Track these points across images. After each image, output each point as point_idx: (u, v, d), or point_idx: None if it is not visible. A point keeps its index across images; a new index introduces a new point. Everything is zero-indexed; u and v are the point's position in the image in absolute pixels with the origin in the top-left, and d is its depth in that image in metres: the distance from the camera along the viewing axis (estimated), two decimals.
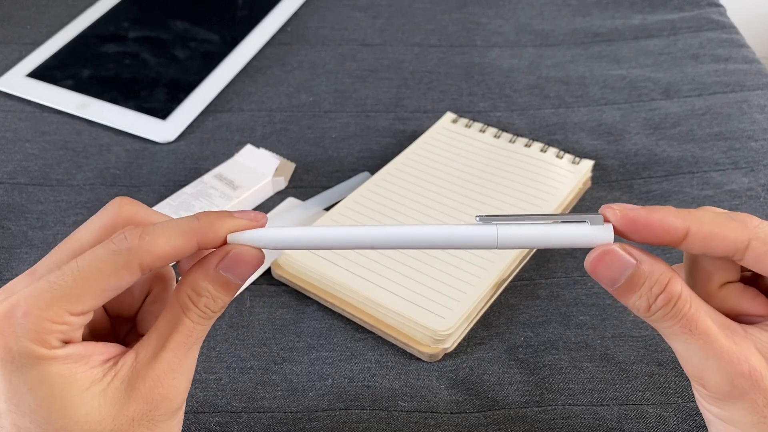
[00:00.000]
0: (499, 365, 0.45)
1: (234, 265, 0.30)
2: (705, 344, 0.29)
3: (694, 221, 0.30)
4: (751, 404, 0.28)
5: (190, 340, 0.30)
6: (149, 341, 0.30)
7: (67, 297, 0.27)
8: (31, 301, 0.27)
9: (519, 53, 0.74)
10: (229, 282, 0.30)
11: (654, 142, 0.62)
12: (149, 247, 0.28)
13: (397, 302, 0.45)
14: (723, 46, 0.74)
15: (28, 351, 0.27)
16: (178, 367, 0.29)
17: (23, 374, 0.27)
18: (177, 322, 0.30)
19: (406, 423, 0.41)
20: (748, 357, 0.29)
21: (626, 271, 0.29)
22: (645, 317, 0.30)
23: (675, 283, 0.29)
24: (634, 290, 0.29)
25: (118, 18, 0.78)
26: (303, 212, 0.55)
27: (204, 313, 0.30)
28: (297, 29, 0.78)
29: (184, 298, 0.30)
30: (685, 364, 0.30)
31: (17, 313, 0.27)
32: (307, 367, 0.45)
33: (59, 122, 0.65)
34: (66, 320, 0.27)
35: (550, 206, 0.52)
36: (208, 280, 0.30)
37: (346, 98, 0.68)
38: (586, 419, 0.42)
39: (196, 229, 0.30)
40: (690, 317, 0.29)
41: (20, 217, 0.55)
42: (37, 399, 0.27)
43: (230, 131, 0.64)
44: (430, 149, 0.58)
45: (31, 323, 0.27)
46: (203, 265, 0.30)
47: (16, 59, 0.72)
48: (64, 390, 0.27)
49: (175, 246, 0.29)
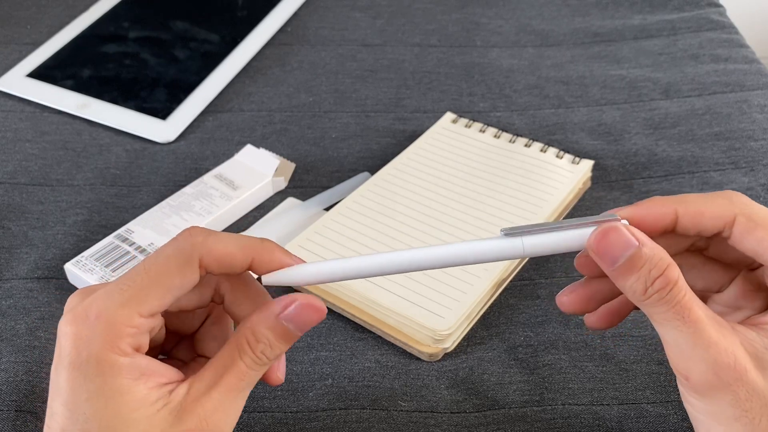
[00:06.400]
0: (499, 365, 0.45)
1: (297, 316, 0.30)
2: (695, 332, 0.29)
3: (680, 203, 0.31)
4: (734, 397, 0.29)
5: (242, 384, 0.30)
6: (204, 376, 0.30)
7: (137, 298, 0.28)
8: (103, 303, 0.27)
9: (519, 53, 0.74)
10: (289, 332, 0.30)
11: (654, 142, 0.62)
12: (212, 248, 0.29)
13: (397, 302, 0.45)
14: (723, 46, 0.74)
15: (97, 356, 0.27)
16: (226, 408, 0.29)
17: (86, 381, 0.27)
18: (232, 363, 0.29)
19: (406, 423, 0.41)
20: (734, 350, 0.29)
21: (628, 250, 0.29)
22: (639, 300, 0.30)
23: (673, 269, 0.29)
24: (633, 271, 0.29)
25: (118, 18, 0.78)
26: (303, 212, 0.55)
27: (259, 359, 0.30)
28: (297, 29, 0.78)
29: (242, 341, 0.30)
30: (672, 353, 0.30)
31: (90, 315, 0.27)
32: (307, 367, 0.45)
33: (59, 122, 0.65)
34: (136, 322, 0.28)
35: (550, 206, 0.52)
36: (269, 327, 0.30)
37: (346, 98, 0.68)
38: (586, 419, 0.42)
39: (255, 247, 0.30)
40: (684, 304, 0.29)
41: (20, 217, 0.55)
42: (92, 409, 0.27)
43: (230, 131, 0.64)
44: (430, 149, 0.58)
45: (103, 325, 0.27)
46: (266, 311, 0.30)
47: (16, 59, 0.72)
48: (119, 405, 0.27)
49: (232, 254, 0.29)
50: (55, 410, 0.28)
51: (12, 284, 0.50)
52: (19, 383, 0.43)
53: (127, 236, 0.51)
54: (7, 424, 0.41)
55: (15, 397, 0.42)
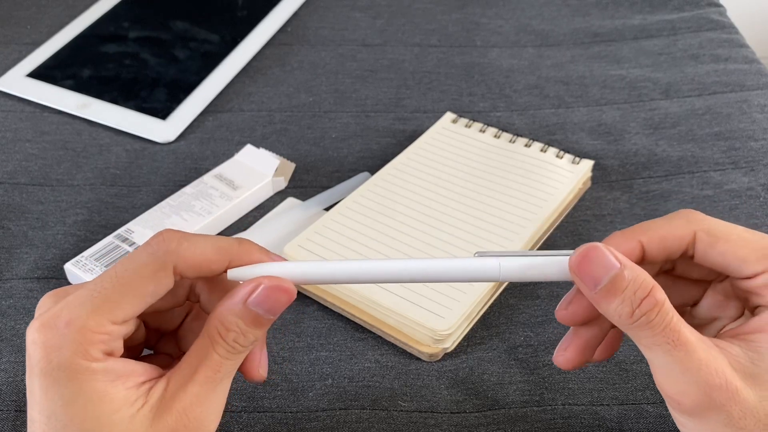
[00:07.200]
0: (499, 365, 0.45)
1: (264, 300, 0.29)
2: (685, 355, 0.28)
3: (641, 233, 0.31)
4: (728, 416, 0.28)
5: (218, 375, 0.29)
6: (180, 371, 0.29)
7: (108, 305, 0.27)
8: (73, 310, 0.27)
9: (519, 53, 0.74)
10: (260, 317, 0.29)
11: (654, 142, 0.62)
12: (185, 253, 0.28)
13: (397, 302, 0.45)
14: (723, 46, 0.74)
15: (68, 364, 0.26)
16: (205, 400, 0.29)
17: (60, 387, 0.27)
18: (205, 356, 0.29)
19: (406, 423, 0.41)
20: (724, 369, 0.28)
21: (611, 271, 0.28)
22: (626, 324, 0.29)
23: (659, 290, 0.29)
24: (617, 293, 0.28)
25: (118, 18, 0.78)
26: (303, 212, 0.55)
27: (233, 348, 0.29)
28: (297, 29, 0.78)
29: (213, 331, 0.29)
30: (662, 376, 0.29)
31: (60, 323, 0.27)
32: (307, 367, 0.45)
33: (59, 122, 0.65)
34: (107, 330, 0.27)
35: (550, 206, 0.52)
36: (237, 314, 0.29)
37: (346, 98, 0.68)
38: (586, 419, 0.42)
39: (232, 249, 0.29)
40: (672, 327, 0.28)
41: (20, 217, 0.55)
42: (69, 414, 0.27)
43: (230, 131, 0.64)
44: (430, 149, 0.58)
45: (73, 333, 0.26)
46: (233, 297, 0.29)
47: (16, 59, 0.72)
48: (97, 408, 0.27)
49: (208, 259, 0.29)
50: (33, 418, 0.27)
51: (12, 284, 0.50)
52: (19, 383, 0.43)
53: (127, 236, 0.51)
54: (7, 424, 0.41)
55: (15, 397, 0.42)
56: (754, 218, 0.54)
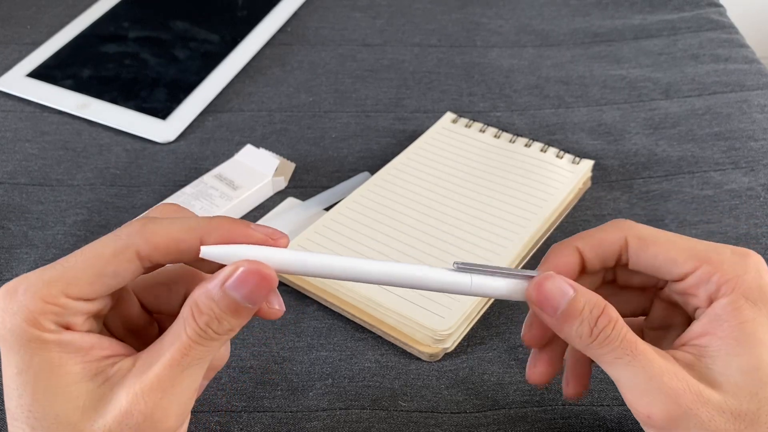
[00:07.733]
0: (499, 365, 0.45)
1: (241, 284, 0.27)
2: (645, 364, 0.29)
3: (578, 239, 0.33)
4: (698, 421, 0.29)
5: (185, 359, 0.27)
6: (148, 351, 0.28)
7: (65, 278, 0.27)
8: (32, 280, 0.27)
9: (519, 53, 0.74)
10: (238, 305, 0.27)
11: (654, 142, 0.62)
12: (148, 236, 0.27)
13: (397, 302, 0.45)
14: (723, 46, 0.74)
15: (19, 330, 0.26)
16: (168, 386, 0.27)
17: (13, 354, 0.26)
18: (176, 337, 0.27)
19: (406, 423, 0.41)
20: (683, 375, 0.29)
21: (567, 296, 0.30)
22: (587, 344, 0.30)
23: (610, 308, 0.30)
24: (575, 315, 0.30)
25: (118, 18, 0.78)
26: (303, 212, 0.55)
27: (204, 333, 0.27)
28: (297, 29, 0.78)
29: (186, 312, 0.28)
30: (629, 392, 0.30)
31: (19, 290, 0.26)
32: (307, 367, 0.45)
33: (59, 122, 0.65)
34: (60, 302, 0.26)
35: (550, 206, 0.52)
36: (213, 298, 0.27)
37: (346, 98, 0.68)
38: (586, 419, 0.42)
39: (202, 227, 0.28)
40: (629, 339, 0.30)
41: (20, 217, 0.55)
42: (22, 383, 0.26)
43: (230, 131, 0.64)
44: (430, 149, 0.58)
45: (26, 300, 0.26)
46: (211, 280, 0.28)
47: (16, 59, 0.72)
48: (50, 379, 0.26)
49: (176, 240, 0.28)
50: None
51: None
52: None
53: None
54: None
55: None
56: (754, 218, 0.54)
